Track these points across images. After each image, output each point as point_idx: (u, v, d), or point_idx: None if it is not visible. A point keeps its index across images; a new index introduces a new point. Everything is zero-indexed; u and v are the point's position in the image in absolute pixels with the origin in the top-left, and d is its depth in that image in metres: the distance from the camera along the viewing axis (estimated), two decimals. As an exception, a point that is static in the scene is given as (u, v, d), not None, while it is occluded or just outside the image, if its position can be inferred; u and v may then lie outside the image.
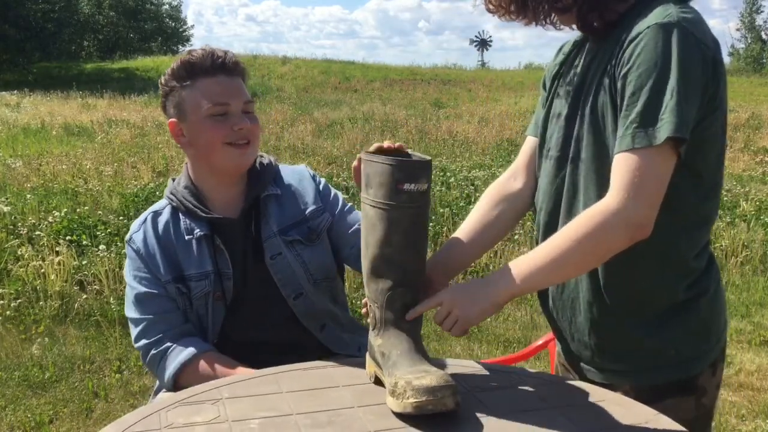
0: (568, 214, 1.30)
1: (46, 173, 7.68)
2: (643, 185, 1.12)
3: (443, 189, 6.86)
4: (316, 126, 12.77)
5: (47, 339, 3.64)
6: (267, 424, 1.10)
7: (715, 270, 1.33)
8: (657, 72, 1.13)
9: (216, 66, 1.50)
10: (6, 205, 5.50)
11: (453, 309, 1.23)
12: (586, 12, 1.26)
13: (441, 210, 5.77)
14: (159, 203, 1.63)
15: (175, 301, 1.54)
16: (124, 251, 1.65)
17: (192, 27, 52.58)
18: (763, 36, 38.87)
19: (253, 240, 1.57)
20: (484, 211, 1.47)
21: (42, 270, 4.25)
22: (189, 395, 1.21)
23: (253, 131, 1.54)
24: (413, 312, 1.22)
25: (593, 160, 1.25)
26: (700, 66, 1.14)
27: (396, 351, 1.17)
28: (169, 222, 1.57)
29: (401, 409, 1.09)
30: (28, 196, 6.16)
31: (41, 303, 4.00)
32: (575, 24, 1.30)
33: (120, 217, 5.48)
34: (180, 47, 46.41)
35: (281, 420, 1.11)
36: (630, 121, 1.14)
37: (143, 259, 1.55)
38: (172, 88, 1.53)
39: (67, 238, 4.73)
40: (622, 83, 1.17)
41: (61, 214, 5.26)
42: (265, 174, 1.61)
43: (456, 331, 1.23)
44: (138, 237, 1.57)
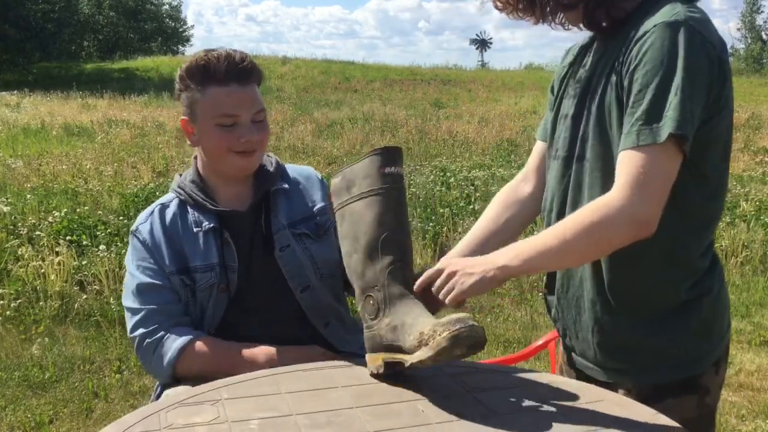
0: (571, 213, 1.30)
1: (46, 173, 7.69)
2: (648, 182, 1.12)
3: (443, 189, 6.86)
4: (316, 126, 12.78)
5: (47, 339, 3.65)
6: (266, 424, 1.10)
7: (719, 270, 1.33)
8: (663, 70, 1.13)
9: (230, 75, 1.50)
10: (6, 205, 5.50)
11: (451, 277, 1.24)
12: (592, 9, 1.26)
13: (441, 210, 5.77)
14: (166, 196, 1.64)
15: (178, 294, 1.54)
16: (124, 251, 1.65)
17: (192, 27, 52.74)
18: (763, 36, 38.96)
19: (263, 233, 1.58)
20: (493, 216, 1.49)
21: (42, 270, 4.25)
22: (189, 396, 1.21)
23: (261, 140, 1.56)
24: (419, 283, 1.27)
25: (598, 159, 1.25)
26: (705, 65, 1.14)
27: (409, 317, 1.20)
28: (177, 214, 1.58)
29: (435, 349, 1.09)
30: (28, 196, 6.16)
31: (41, 303, 4.01)
32: (582, 22, 1.30)
33: (120, 217, 5.48)
34: (180, 47, 46.51)
35: (281, 420, 1.11)
36: (636, 119, 1.14)
37: (149, 250, 1.55)
38: (186, 86, 1.55)
39: (67, 238, 4.73)
40: (629, 81, 1.17)
41: (61, 214, 5.26)
42: (274, 170, 1.64)
43: (451, 300, 1.24)
44: (144, 228, 1.57)
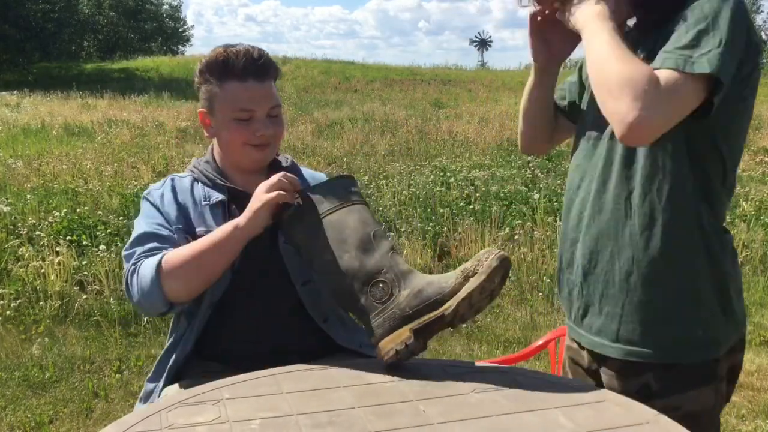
0: (601, 190, 1.33)
1: (46, 173, 7.68)
2: (664, 99, 1.12)
3: (443, 189, 6.85)
4: (316, 126, 12.77)
5: (47, 339, 3.65)
6: (268, 424, 1.10)
7: (736, 255, 1.37)
8: (709, 22, 1.15)
9: (248, 71, 1.54)
10: (6, 205, 5.50)
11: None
12: None
13: (441, 210, 5.77)
14: (181, 174, 1.70)
15: (179, 246, 1.53)
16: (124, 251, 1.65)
17: (192, 27, 52.86)
18: (763, 36, 38.95)
19: (271, 226, 1.57)
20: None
21: (42, 270, 4.25)
22: (190, 395, 1.21)
23: (276, 135, 1.60)
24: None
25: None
26: (745, 37, 1.17)
27: (429, 277, 1.31)
28: (188, 188, 1.63)
29: (487, 272, 1.25)
30: (28, 196, 6.15)
31: (41, 303, 4.01)
32: (637, 10, 1.31)
33: (120, 217, 5.48)
34: (180, 47, 46.55)
35: (282, 420, 1.11)
36: (676, 47, 1.15)
37: (158, 209, 1.58)
38: (206, 80, 1.59)
39: (67, 238, 4.73)
40: (672, 34, 1.17)
41: (61, 214, 5.26)
42: (288, 165, 1.70)
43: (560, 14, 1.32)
44: (156, 192, 1.62)
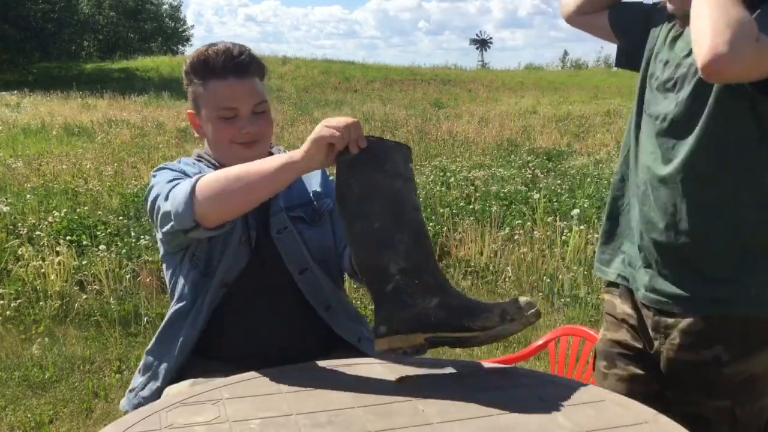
0: (665, 174, 1.37)
1: (46, 173, 7.68)
2: (757, 52, 1.16)
3: (443, 189, 6.85)
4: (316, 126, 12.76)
5: (47, 339, 3.64)
6: (267, 424, 1.10)
7: None
8: None
9: (228, 68, 1.53)
10: (6, 205, 5.50)
11: None
12: None
13: (441, 210, 5.76)
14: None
15: None
16: (123, 251, 1.65)
17: (192, 27, 52.74)
18: (763, 36, 38.85)
19: (261, 215, 1.58)
20: None
21: (42, 270, 4.25)
22: (190, 395, 1.21)
23: (262, 132, 1.57)
24: None
25: (689, 120, 1.34)
26: None
27: (467, 299, 1.31)
28: (197, 163, 1.62)
29: (524, 324, 1.28)
30: (28, 196, 6.16)
31: (41, 303, 4.01)
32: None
33: (120, 217, 5.48)
34: (180, 47, 46.51)
35: (281, 420, 1.11)
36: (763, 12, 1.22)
37: (176, 168, 1.54)
38: (191, 80, 1.59)
39: (67, 238, 4.72)
40: None
41: (61, 214, 5.26)
42: None
43: None
44: (170, 164, 1.60)
